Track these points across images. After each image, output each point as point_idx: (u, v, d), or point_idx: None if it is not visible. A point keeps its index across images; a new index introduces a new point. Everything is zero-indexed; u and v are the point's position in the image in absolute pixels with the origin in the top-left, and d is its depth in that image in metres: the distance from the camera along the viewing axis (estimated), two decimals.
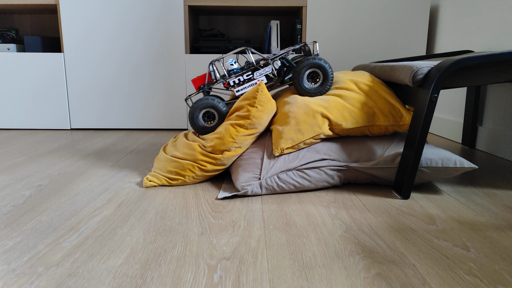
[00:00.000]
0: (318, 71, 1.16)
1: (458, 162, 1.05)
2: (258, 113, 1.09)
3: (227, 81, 1.20)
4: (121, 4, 1.93)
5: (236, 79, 1.21)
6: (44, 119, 2.04)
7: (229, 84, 1.21)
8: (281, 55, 1.22)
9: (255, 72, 1.20)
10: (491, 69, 1.04)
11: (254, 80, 1.21)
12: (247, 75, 1.20)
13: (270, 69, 1.20)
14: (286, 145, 1.09)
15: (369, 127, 1.13)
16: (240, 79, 1.21)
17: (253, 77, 1.21)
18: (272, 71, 1.21)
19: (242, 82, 1.21)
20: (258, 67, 1.21)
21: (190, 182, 1.15)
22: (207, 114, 1.18)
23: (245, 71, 1.21)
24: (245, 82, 1.21)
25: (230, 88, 1.22)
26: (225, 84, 1.21)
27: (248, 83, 1.21)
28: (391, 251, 0.75)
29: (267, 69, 1.20)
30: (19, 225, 0.87)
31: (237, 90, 1.21)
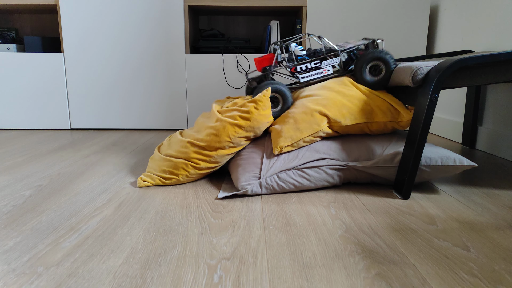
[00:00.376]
0: (380, 63, 1.16)
1: (458, 160, 1.05)
2: (260, 117, 1.09)
3: (294, 67, 1.20)
4: (121, 4, 1.93)
5: (303, 66, 1.20)
6: (44, 119, 2.04)
7: (296, 69, 1.20)
8: (351, 49, 1.22)
9: (323, 62, 1.20)
10: (491, 69, 1.04)
11: (321, 69, 1.21)
12: (315, 63, 1.20)
13: (338, 60, 1.20)
14: (285, 143, 1.09)
15: (368, 124, 1.13)
16: (307, 66, 1.20)
17: (320, 66, 1.21)
18: (340, 62, 1.21)
19: (308, 69, 1.21)
20: (326, 57, 1.20)
21: (184, 181, 1.14)
22: (271, 99, 1.17)
23: (314, 59, 1.21)
24: (311, 69, 1.20)
25: (296, 73, 1.21)
26: (291, 69, 1.20)
27: (314, 71, 1.21)
28: (391, 251, 0.75)
29: (336, 60, 1.20)
30: (19, 225, 0.87)
31: (303, 76, 1.21)
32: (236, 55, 1.97)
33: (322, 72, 1.22)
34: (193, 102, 2.03)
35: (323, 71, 1.21)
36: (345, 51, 1.22)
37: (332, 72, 1.23)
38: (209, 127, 1.13)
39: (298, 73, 1.21)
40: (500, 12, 1.52)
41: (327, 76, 1.24)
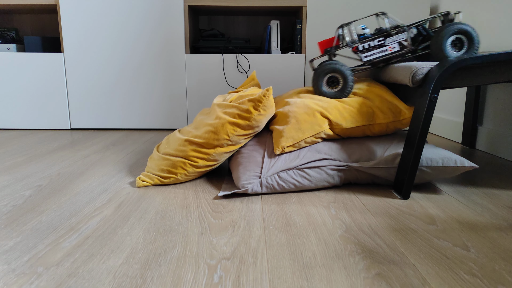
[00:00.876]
0: (463, 37, 1.11)
1: (459, 161, 1.05)
2: (259, 117, 1.09)
3: (356, 46, 1.16)
4: (121, 4, 1.93)
5: (366, 44, 1.16)
6: (44, 119, 2.04)
7: (358, 49, 1.17)
8: (419, 23, 1.17)
9: (387, 39, 1.16)
10: (491, 69, 1.04)
11: (385, 46, 1.16)
12: (379, 41, 1.16)
13: (405, 36, 1.15)
14: (287, 144, 1.09)
15: (369, 126, 1.13)
16: (370, 44, 1.16)
17: (384, 43, 1.16)
18: (406, 38, 1.15)
19: (371, 47, 1.17)
20: (391, 34, 1.16)
21: (183, 179, 1.14)
22: (332, 78, 1.15)
23: (376, 36, 1.16)
24: (375, 48, 1.17)
25: (358, 53, 1.17)
26: (353, 49, 1.17)
27: (378, 49, 1.17)
28: (391, 251, 0.75)
29: (401, 36, 1.15)
30: (19, 225, 0.87)
31: (365, 55, 1.17)
32: (236, 55, 1.97)
33: (387, 49, 1.16)
34: (193, 102, 2.03)
35: (388, 48, 1.16)
36: (412, 26, 1.15)
37: (398, 49, 1.17)
38: (207, 125, 1.13)
39: (360, 52, 1.16)
40: (500, 12, 1.52)
41: (393, 54, 1.18)
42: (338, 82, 1.15)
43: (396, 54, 1.18)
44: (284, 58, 1.98)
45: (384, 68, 1.22)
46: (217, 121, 1.10)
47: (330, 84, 1.15)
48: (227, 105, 1.13)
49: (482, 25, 1.62)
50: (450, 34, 1.10)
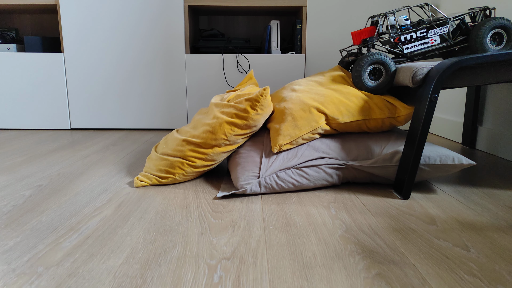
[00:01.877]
0: (502, 32, 1.10)
1: (457, 159, 1.05)
2: (257, 116, 1.09)
3: (398, 36, 1.14)
4: (121, 4, 1.93)
5: (408, 36, 1.14)
6: (44, 119, 2.04)
7: (400, 39, 1.14)
8: (460, 16, 1.14)
9: (430, 31, 1.13)
10: (491, 69, 1.04)
11: (427, 38, 1.14)
12: (421, 33, 1.14)
13: (447, 29, 1.13)
14: (284, 141, 1.08)
15: (365, 121, 1.13)
16: (412, 35, 1.14)
17: (426, 36, 1.14)
18: (448, 32, 1.13)
19: (413, 39, 1.14)
20: (434, 26, 1.13)
21: (181, 179, 1.14)
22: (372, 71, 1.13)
23: (420, 28, 1.14)
24: (417, 39, 1.14)
25: (399, 44, 1.15)
26: (395, 39, 1.14)
27: (420, 41, 1.14)
28: (391, 251, 0.75)
29: (444, 28, 1.13)
30: (19, 225, 0.87)
31: (407, 47, 1.15)
32: (236, 55, 1.97)
33: (428, 42, 1.14)
34: (193, 102, 2.03)
35: (430, 41, 1.14)
36: (455, 19, 1.14)
37: (439, 42, 1.15)
38: (205, 124, 1.12)
39: (402, 44, 1.14)
40: (500, 12, 1.52)
41: (434, 47, 1.16)
42: (381, 74, 1.13)
43: (436, 47, 1.16)
44: (284, 58, 1.98)
45: None
46: (215, 121, 1.10)
47: (371, 76, 1.13)
48: (225, 105, 1.13)
49: None
50: (491, 29, 1.09)
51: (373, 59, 1.12)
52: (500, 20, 1.09)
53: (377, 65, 1.12)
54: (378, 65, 1.12)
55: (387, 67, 1.12)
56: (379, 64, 1.12)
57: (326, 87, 1.18)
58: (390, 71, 1.12)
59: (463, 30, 1.16)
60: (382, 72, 1.12)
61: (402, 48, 1.16)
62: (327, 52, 2.06)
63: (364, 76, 1.12)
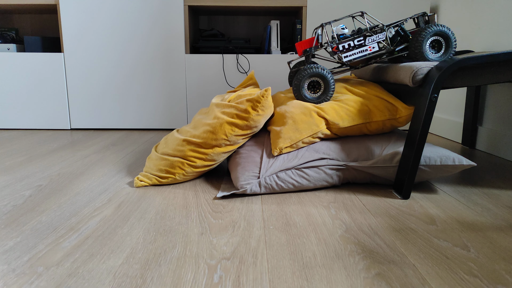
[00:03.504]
0: (441, 39, 1.11)
1: (457, 159, 1.05)
2: (258, 117, 1.09)
3: (336, 45, 1.15)
4: (121, 4, 1.93)
5: (346, 44, 1.15)
6: (44, 119, 2.04)
7: (338, 48, 1.15)
8: (397, 23, 1.16)
9: (367, 38, 1.15)
10: (491, 69, 1.04)
11: (365, 46, 1.15)
12: (358, 41, 1.15)
13: (384, 36, 1.15)
14: (284, 145, 1.09)
15: (366, 124, 1.13)
16: (350, 44, 1.15)
17: (364, 43, 1.15)
18: (386, 39, 1.15)
19: (351, 47, 1.16)
20: (371, 34, 1.15)
21: (181, 179, 1.14)
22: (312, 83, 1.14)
23: (356, 36, 1.16)
24: (355, 47, 1.16)
25: (338, 53, 1.16)
26: (333, 48, 1.16)
27: (358, 49, 1.16)
28: (391, 251, 0.75)
29: (381, 36, 1.14)
30: (19, 225, 0.87)
31: (345, 55, 1.16)
32: (236, 55, 1.97)
33: (367, 49, 1.15)
34: (193, 102, 2.03)
35: (368, 48, 1.15)
36: (391, 26, 1.16)
37: (377, 49, 1.16)
38: (206, 124, 1.12)
39: (340, 52, 1.15)
40: (500, 12, 1.52)
41: (372, 54, 1.18)
42: (319, 86, 1.14)
43: (375, 54, 1.18)
44: (284, 58, 1.97)
45: (384, 69, 1.22)
46: (215, 121, 1.10)
47: (311, 88, 1.15)
48: (226, 105, 1.13)
49: (482, 25, 1.62)
50: (430, 36, 1.11)
51: (311, 73, 1.13)
52: (438, 27, 1.10)
53: (315, 78, 1.14)
54: (316, 78, 1.14)
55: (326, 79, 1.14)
56: (317, 77, 1.14)
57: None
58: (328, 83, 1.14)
59: (402, 37, 1.18)
60: (321, 85, 1.14)
61: (341, 57, 1.17)
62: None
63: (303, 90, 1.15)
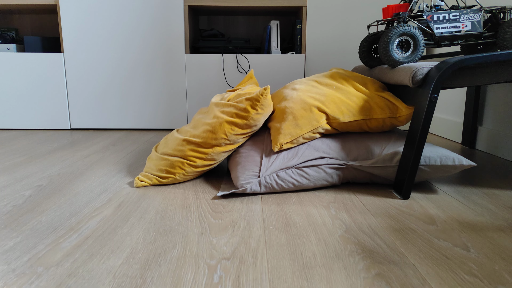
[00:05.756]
0: None
1: (457, 159, 1.05)
2: (257, 116, 1.09)
3: (431, 15, 1.12)
4: (121, 4, 1.93)
5: (441, 16, 1.12)
6: (44, 119, 2.04)
7: (432, 18, 1.13)
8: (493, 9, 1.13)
9: (462, 15, 1.12)
10: (491, 69, 1.04)
11: (459, 22, 1.13)
12: (454, 15, 1.12)
13: (479, 17, 1.12)
14: (285, 140, 1.08)
15: (366, 120, 1.13)
16: (445, 16, 1.12)
17: (459, 19, 1.12)
18: (480, 20, 1.12)
19: (446, 20, 1.13)
20: (467, 11, 1.12)
21: (181, 179, 1.14)
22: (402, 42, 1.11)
23: (453, 10, 1.13)
24: (448, 21, 1.13)
25: (431, 23, 1.13)
26: (428, 17, 1.13)
27: (451, 24, 1.13)
28: (391, 251, 0.75)
29: (476, 16, 1.12)
30: (19, 225, 0.87)
31: (438, 27, 1.13)
32: (236, 55, 1.97)
33: (459, 26, 1.12)
34: (193, 102, 2.03)
35: (461, 25, 1.12)
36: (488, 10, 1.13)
37: (470, 29, 1.13)
38: (205, 124, 1.12)
39: (434, 23, 1.12)
40: None
41: (464, 33, 1.14)
42: (409, 46, 1.11)
43: (466, 34, 1.14)
44: (284, 58, 1.98)
45: (384, 69, 1.22)
46: (215, 120, 1.10)
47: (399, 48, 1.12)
48: (225, 104, 1.13)
49: None
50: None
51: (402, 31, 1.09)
52: None
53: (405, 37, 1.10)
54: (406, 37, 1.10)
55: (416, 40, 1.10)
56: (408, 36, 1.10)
57: (327, 86, 1.18)
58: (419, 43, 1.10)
59: (493, 24, 1.16)
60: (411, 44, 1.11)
61: (433, 28, 1.14)
62: (327, 52, 2.05)
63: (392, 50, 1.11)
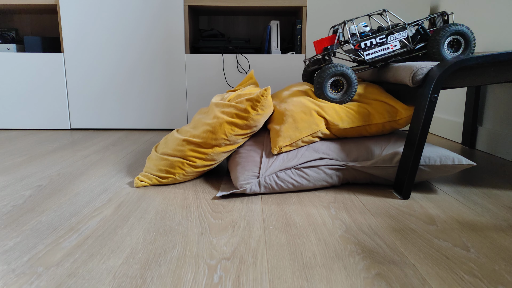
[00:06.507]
0: (460, 39, 1.10)
1: (457, 159, 1.05)
2: (257, 117, 1.09)
3: (358, 43, 1.14)
4: (121, 4, 1.93)
5: (368, 42, 1.14)
6: (44, 119, 2.04)
7: (360, 46, 1.14)
8: (418, 22, 1.15)
9: (389, 36, 1.14)
10: (491, 69, 1.04)
11: (387, 44, 1.14)
12: (380, 39, 1.14)
13: (406, 34, 1.13)
14: (284, 143, 1.08)
15: (365, 126, 1.13)
16: (372, 41, 1.14)
17: (386, 41, 1.14)
18: (407, 37, 1.14)
19: (374, 45, 1.15)
20: (392, 32, 1.14)
21: (181, 179, 1.14)
22: (334, 82, 1.13)
23: (379, 34, 1.14)
24: (377, 45, 1.14)
25: (360, 50, 1.15)
26: (355, 46, 1.15)
27: (380, 47, 1.15)
28: (391, 251, 0.75)
29: (403, 34, 1.13)
30: (19, 225, 0.87)
31: (367, 53, 1.15)
32: (236, 55, 1.97)
33: (388, 47, 1.15)
34: (193, 102, 2.03)
35: (390, 46, 1.14)
36: (412, 24, 1.15)
37: (399, 47, 1.15)
38: (205, 124, 1.12)
39: (362, 50, 1.14)
40: (500, 12, 1.52)
41: (394, 52, 1.16)
42: (342, 85, 1.14)
43: (396, 53, 1.17)
44: (284, 58, 1.98)
45: (384, 69, 1.22)
46: (215, 121, 1.10)
47: (334, 87, 1.14)
48: (225, 105, 1.13)
49: (482, 25, 1.62)
50: (448, 35, 1.10)
51: (334, 71, 1.12)
52: (457, 26, 1.10)
53: (338, 77, 1.13)
54: (339, 77, 1.13)
55: (349, 78, 1.12)
56: (340, 76, 1.13)
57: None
58: (352, 82, 1.13)
59: (422, 36, 1.17)
60: (344, 84, 1.13)
61: (362, 55, 1.16)
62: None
63: (326, 89, 1.14)
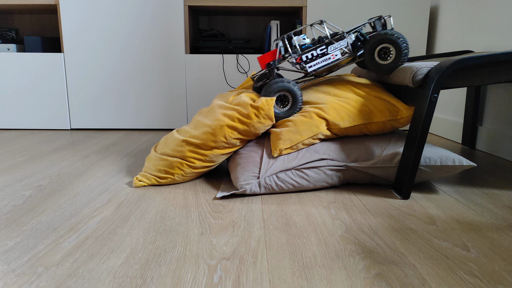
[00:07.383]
0: (389, 46, 1.10)
1: (457, 160, 1.05)
2: (258, 125, 1.09)
3: (299, 56, 1.14)
4: (121, 4, 1.93)
5: (309, 54, 1.14)
6: (44, 119, 2.04)
7: (301, 59, 1.14)
8: (356, 29, 1.15)
9: (329, 46, 1.14)
10: (491, 69, 1.04)
11: (328, 55, 1.14)
12: (321, 50, 1.14)
13: (345, 43, 1.13)
14: (284, 146, 1.09)
15: (367, 125, 1.13)
16: (313, 53, 1.14)
17: (327, 52, 1.14)
18: (347, 45, 1.14)
19: (315, 57, 1.14)
20: (332, 41, 1.14)
21: (180, 180, 1.14)
22: (280, 98, 1.13)
23: (319, 45, 1.14)
24: (318, 57, 1.14)
25: (302, 63, 1.15)
26: (297, 59, 1.15)
27: (321, 58, 1.15)
28: (391, 251, 0.75)
29: (342, 43, 1.13)
30: (19, 225, 0.87)
31: (310, 65, 1.15)
32: (236, 55, 1.97)
33: (330, 58, 1.15)
34: (193, 102, 2.03)
35: (331, 56, 1.14)
36: (350, 32, 1.15)
37: (340, 57, 1.15)
38: (206, 125, 1.12)
39: (304, 63, 1.15)
40: (500, 12, 1.52)
41: (336, 61, 1.16)
42: (287, 100, 1.13)
43: (339, 61, 1.17)
44: None
45: None
46: (216, 123, 1.10)
47: (279, 103, 1.14)
48: (228, 107, 1.13)
49: (482, 25, 1.62)
50: (377, 45, 1.11)
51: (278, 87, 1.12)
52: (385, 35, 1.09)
53: (283, 92, 1.13)
54: (284, 92, 1.13)
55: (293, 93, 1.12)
56: (285, 91, 1.13)
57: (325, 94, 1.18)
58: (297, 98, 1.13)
59: (362, 42, 1.17)
60: (289, 99, 1.13)
61: (305, 67, 1.16)
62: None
63: None
